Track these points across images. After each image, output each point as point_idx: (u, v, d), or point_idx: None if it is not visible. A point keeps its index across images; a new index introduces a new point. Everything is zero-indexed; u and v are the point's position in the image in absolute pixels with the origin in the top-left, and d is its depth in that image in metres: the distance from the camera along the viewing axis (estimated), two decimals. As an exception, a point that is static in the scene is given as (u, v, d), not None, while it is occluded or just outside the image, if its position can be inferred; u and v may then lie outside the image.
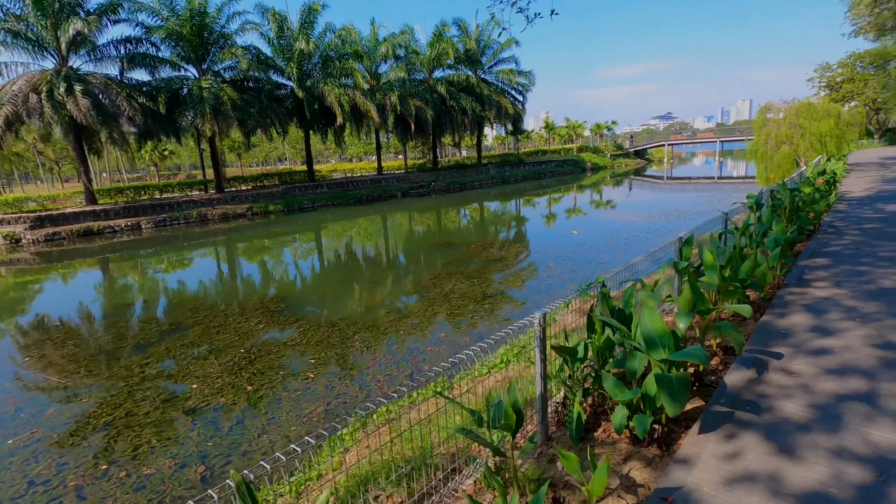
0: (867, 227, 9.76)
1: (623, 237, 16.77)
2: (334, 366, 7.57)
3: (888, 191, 15.49)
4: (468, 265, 13.96)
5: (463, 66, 49.51)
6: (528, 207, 30.29)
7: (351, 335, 8.83)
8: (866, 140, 56.21)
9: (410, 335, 8.69)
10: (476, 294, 10.80)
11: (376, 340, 8.51)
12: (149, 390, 7.10)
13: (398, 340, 8.46)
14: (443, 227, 23.36)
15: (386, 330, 9.00)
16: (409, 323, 9.32)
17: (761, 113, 24.08)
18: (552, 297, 10.29)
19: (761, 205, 7.65)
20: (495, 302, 10.24)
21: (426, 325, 9.11)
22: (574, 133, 72.67)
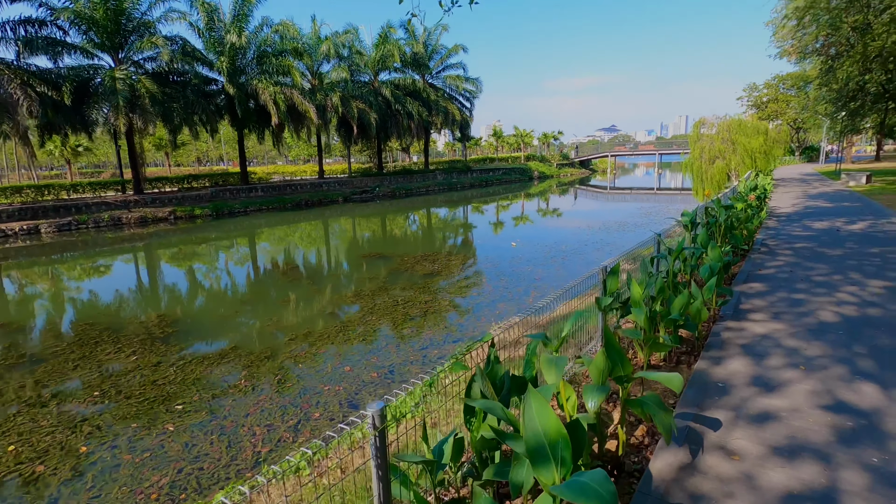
0: (798, 246, 9.49)
1: (562, 250, 16.21)
2: (205, 414, 6.19)
3: (812, 207, 15.81)
4: (396, 281, 12.83)
5: (410, 69, 48.55)
6: (471, 216, 29.55)
7: (240, 369, 7.46)
8: (789, 157, 60.11)
9: (311, 369, 7.43)
10: (396, 318, 9.67)
11: (267, 377, 7.18)
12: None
13: (293, 377, 7.17)
14: (379, 236, 22.10)
15: (283, 363, 7.69)
16: (313, 353, 8.05)
17: (696, 128, 24.59)
18: (480, 321, 9.34)
19: (696, 224, 7.05)
20: (415, 327, 9.15)
21: (331, 357, 7.87)
22: (522, 142, 73.35)
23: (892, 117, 39.71)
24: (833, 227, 11.63)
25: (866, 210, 14.52)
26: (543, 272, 13.15)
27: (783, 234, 10.99)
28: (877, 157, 53.17)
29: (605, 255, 14.82)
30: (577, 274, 13.33)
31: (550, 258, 14.96)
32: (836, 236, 10.37)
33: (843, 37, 23.90)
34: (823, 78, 28.70)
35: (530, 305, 9.97)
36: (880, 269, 7.39)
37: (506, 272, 13.35)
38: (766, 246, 9.59)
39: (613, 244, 16.68)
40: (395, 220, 28.15)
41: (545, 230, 22.54)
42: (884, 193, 19.16)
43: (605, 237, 18.35)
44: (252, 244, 21.35)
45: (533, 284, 11.88)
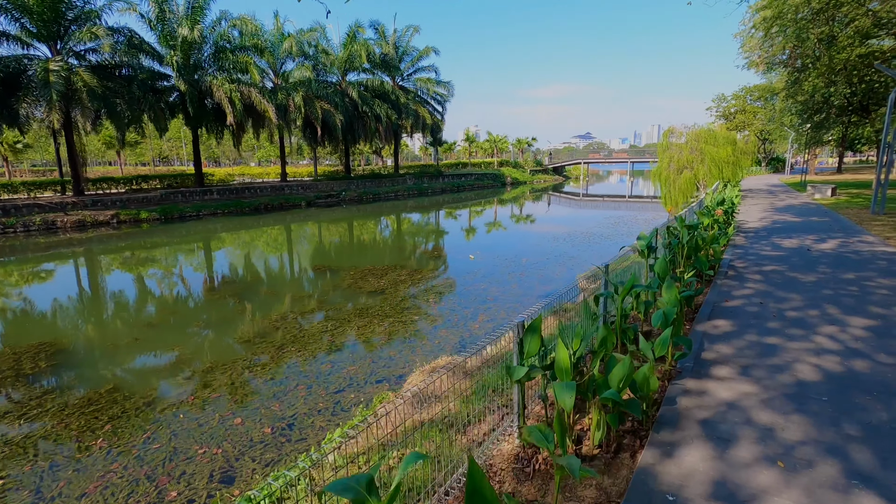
0: (768, 269, 8.60)
1: (522, 264, 15.15)
2: (28, 495, 4.77)
3: (780, 221, 15.18)
4: (334, 300, 11.52)
5: (380, 71, 47.24)
6: (436, 223, 28.37)
7: (103, 422, 6.03)
8: (756, 167, 61.05)
9: (193, 422, 6.06)
10: (319, 349, 8.37)
11: (133, 434, 5.79)
12: None
13: (166, 434, 5.79)
14: (331, 246, 20.68)
15: (162, 412, 6.30)
16: (204, 397, 6.68)
17: (665, 136, 24.03)
18: (414, 353, 8.12)
19: (653, 248, 6.00)
20: (337, 362, 7.87)
21: (224, 403, 6.52)
22: (496, 147, 72.75)
23: (853, 130, 40.49)
24: (803, 245, 10.85)
25: (835, 226, 13.92)
26: (498, 291, 12.02)
27: (752, 253, 10.13)
28: (838, 170, 54.40)
29: (565, 271, 13.83)
30: (532, 293, 12.34)
31: (508, 273, 13.87)
32: (807, 257, 9.55)
33: (810, 48, 23.70)
34: (790, 90, 28.66)
35: (470, 338, 8.87)
36: (859, 302, 6.47)
37: (457, 290, 12.18)
38: (734, 269, 8.66)
39: (576, 258, 15.72)
40: (356, 227, 26.74)
41: (509, 240, 21.51)
42: (849, 207, 18.81)
43: (568, 249, 17.40)
44: (192, 253, 19.64)
45: (483, 306, 10.73)
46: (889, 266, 8.58)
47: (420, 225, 27.72)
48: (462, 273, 14.19)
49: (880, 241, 11.17)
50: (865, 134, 45.33)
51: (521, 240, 21.58)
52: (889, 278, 7.70)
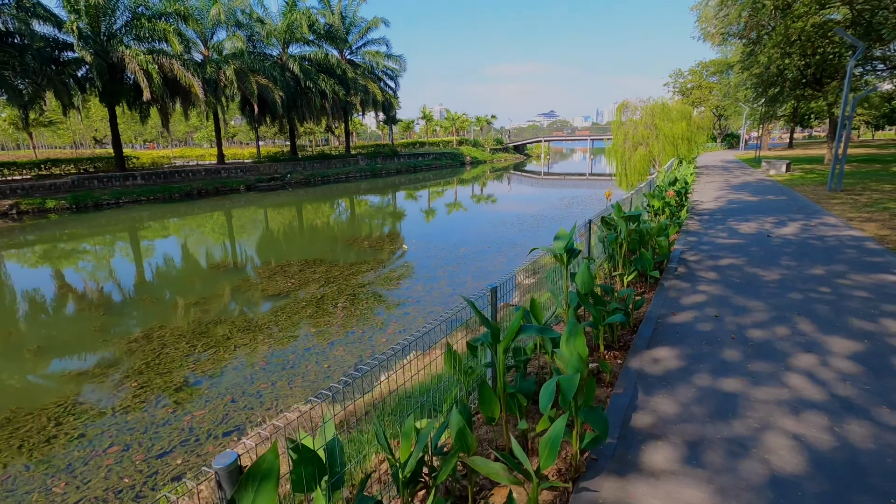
0: (725, 263, 7.20)
1: (459, 254, 13.50)
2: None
3: (736, 201, 14.04)
4: (223, 312, 9.57)
5: (326, 43, 44.02)
6: (380, 208, 26.35)
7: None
8: (711, 143, 61.31)
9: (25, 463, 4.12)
10: (166, 385, 6.46)
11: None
12: None
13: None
14: (251, 236, 18.46)
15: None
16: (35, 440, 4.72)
17: (618, 112, 22.69)
18: (292, 388, 6.34)
19: (574, 252, 4.35)
20: (177, 408, 6.00)
21: (60, 444, 4.59)
22: (454, 126, 70.51)
23: (804, 105, 40.50)
24: (762, 230, 9.58)
25: (793, 205, 12.84)
26: (423, 290, 10.33)
27: (706, 242, 8.76)
28: (790, 145, 55.14)
29: (504, 262, 12.25)
30: (461, 290, 10.72)
31: (441, 266, 12.18)
32: (768, 246, 8.23)
33: (765, 17, 22.67)
34: (745, 62, 27.77)
35: (371, 355, 7.22)
36: (836, 312, 5.09)
37: (377, 290, 10.40)
38: (686, 264, 7.22)
39: (520, 245, 14.18)
40: (290, 213, 24.44)
41: (453, 226, 19.82)
42: (805, 183, 18.00)
43: (513, 235, 15.86)
44: (103, 248, 17.04)
45: (401, 311, 9.03)
46: (859, 256, 7.33)
47: (363, 210, 25.64)
48: (390, 267, 12.41)
49: (843, 223, 10.04)
50: (816, 108, 45.71)
51: (466, 225, 19.92)
52: (863, 273, 6.40)
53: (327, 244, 16.15)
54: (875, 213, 10.98)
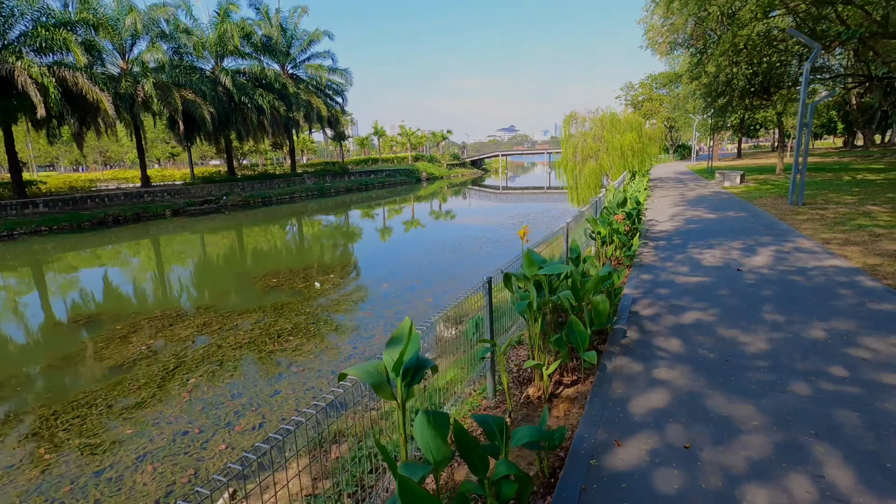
0: (690, 320, 5.25)
1: (377, 297, 11.29)
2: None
3: (695, 220, 12.44)
4: (71, 375, 6.96)
5: (266, 56, 41.42)
6: (315, 231, 23.85)
7: None
8: (664, 154, 61.80)
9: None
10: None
11: None
12: None
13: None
14: (146, 275, 15.66)
15: None
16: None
17: (566, 124, 21.17)
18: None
19: (416, 372, 2.27)
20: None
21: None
22: (409, 141, 68.69)
23: (750, 115, 40.77)
24: (730, 261, 7.80)
25: (757, 223, 11.30)
26: (311, 353, 8.00)
27: (664, 282, 6.85)
28: (739, 155, 56.05)
29: (431, 301, 10.07)
30: (358, 353, 8.40)
31: (351, 311, 9.90)
32: (741, 286, 6.39)
33: (711, 25, 21.87)
34: (693, 72, 27.11)
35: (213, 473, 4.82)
36: (872, 426, 3.13)
37: (249, 354, 8.00)
38: (638, 325, 5.23)
39: (455, 278, 12.07)
40: (210, 241, 21.60)
41: (386, 252, 17.59)
42: (763, 196, 16.80)
43: (449, 265, 13.76)
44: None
45: (268, 392, 6.68)
46: (860, 301, 5.56)
47: (290, 236, 23.06)
48: (285, 316, 10.00)
49: (820, 247, 8.42)
50: (760, 118, 46.39)
51: (400, 251, 17.72)
52: (879, 335, 4.58)
53: (226, 283, 13.58)
54: (851, 232, 9.48)
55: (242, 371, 7.31)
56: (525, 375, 4.50)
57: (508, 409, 3.77)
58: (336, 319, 9.55)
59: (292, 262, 16.24)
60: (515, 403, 3.97)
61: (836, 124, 55.40)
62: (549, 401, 3.90)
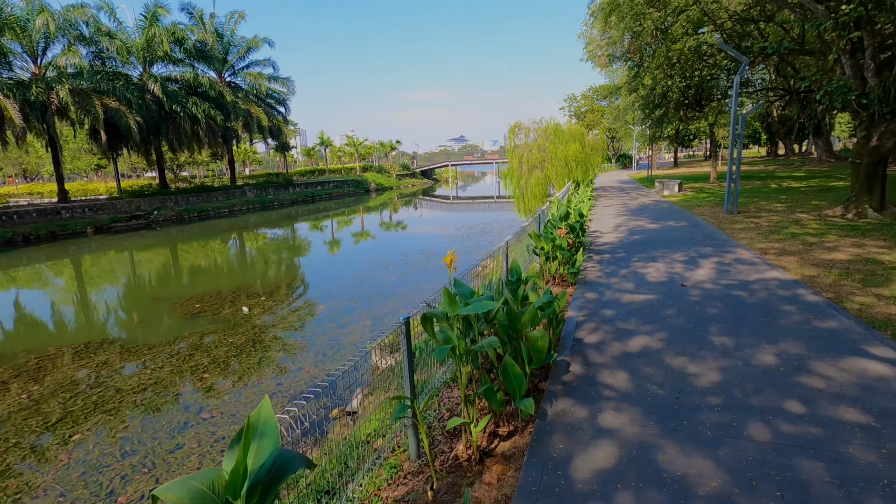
0: (637, 347, 4.84)
1: (311, 321, 10.42)
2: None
3: (638, 230, 12.40)
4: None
5: (200, 63, 39.26)
6: (255, 246, 22.44)
7: None
8: (607, 164, 63.93)
9: None
10: None
11: None
12: None
13: None
14: (33, 305, 13.95)
15: None
16: None
17: (511, 134, 21.08)
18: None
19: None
20: None
21: None
22: (357, 151, 67.41)
23: (684, 126, 42.76)
24: (674, 275, 7.58)
25: (697, 233, 11.36)
26: (229, 394, 7.06)
27: (609, 301, 6.48)
28: (675, 164, 58.77)
29: (369, 325, 9.31)
30: (235, 418, 7.34)
31: (277, 341, 8.97)
32: (687, 304, 6.11)
33: (648, 35, 22.55)
34: (631, 84, 27.96)
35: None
36: (846, 491, 2.72)
37: (153, 400, 6.95)
38: (582, 357, 4.75)
39: (397, 295, 11.37)
40: (132, 263, 19.74)
41: (327, 269, 16.65)
42: (700, 205, 17.24)
43: (393, 281, 13.06)
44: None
45: (170, 443, 5.71)
46: (804, 318, 5.38)
47: (227, 253, 21.55)
48: (203, 347, 8.93)
49: (759, 258, 8.40)
50: (693, 129, 48.87)
51: (342, 267, 16.82)
52: (830, 359, 4.32)
53: (142, 311, 12.21)
54: (785, 241, 9.60)
55: (140, 421, 6.28)
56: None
57: (432, 478, 3.13)
58: (261, 351, 8.60)
59: (221, 283, 14.96)
60: (443, 464, 3.34)
61: (761, 135, 59.33)
62: (481, 461, 3.29)
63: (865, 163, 11.79)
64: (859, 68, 11.85)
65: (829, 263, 7.61)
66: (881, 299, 5.80)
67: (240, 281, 14.95)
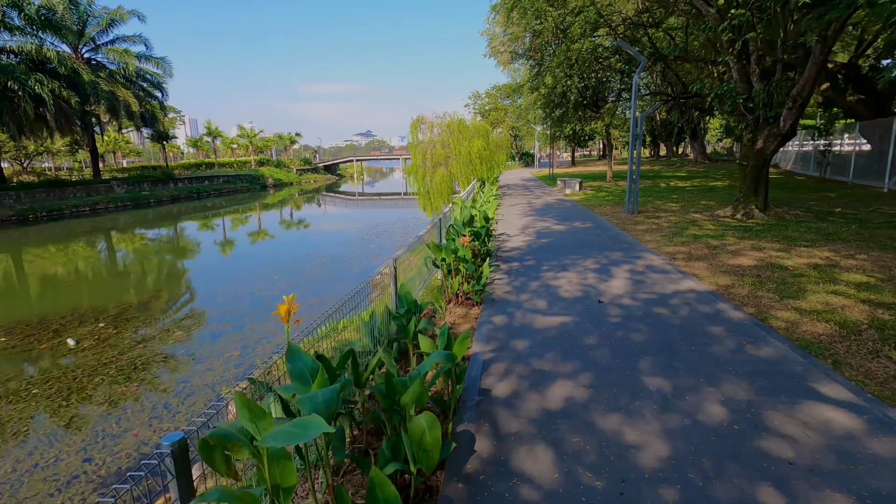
0: (559, 398, 3.75)
1: (160, 354, 8.31)
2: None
3: (545, 233, 11.75)
4: None
5: (49, 33, 32.93)
6: (112, 254, 18.86)
7: None
8: (511, 162, 65.38)
9: None
10: None
11: None
12: None
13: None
14: None
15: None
16: None
17: (413, 129, 19.80)
18: None
19: None
20: None
21: None
22: (251, 143, 62.10)
23: (580, 126, 44.66)
24: (588, 288, 6.76)
25: (604, 235, 10.93)
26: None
27: (519, 328, 5.43)
28: (573, 163, 61.68)
29: (219, 373, 7.48)
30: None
31: (111, 390, 6.82)
32: (608, 329, 5.23)
33: (549, 34, 22.50)
34: (533, 83, 28.08)
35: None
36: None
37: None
38: (491, 425, 3.55)
39: (270, 323, 9.56)
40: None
41: (197, 282, 14.18)
42: (601, 204, 17.30)
43: (273, 298, 11.16)
44: None
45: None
46: (738, 345, 4.73)
47: (68, 265, 17.85)
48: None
49: (669, 264, 7.94)
50: (588, 130, 51.43)
51: (217, 278, 14.40)
52: (787, 405, 3.58)
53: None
54: (689, 244, 9.37)
55: None
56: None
57: None
58: (79, 402, 6.43)
59: (49, 304, 11.94)
60: None
61: (646, 137, 64.36)
62: None
63: (752, 165, 12.19)
64: (746, 73, 12.21)
65: (738, 270, 7.28)
66: (803, 314, 5.35)
67: (76, 301, 12.00)
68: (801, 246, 8.61)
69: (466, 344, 3.55)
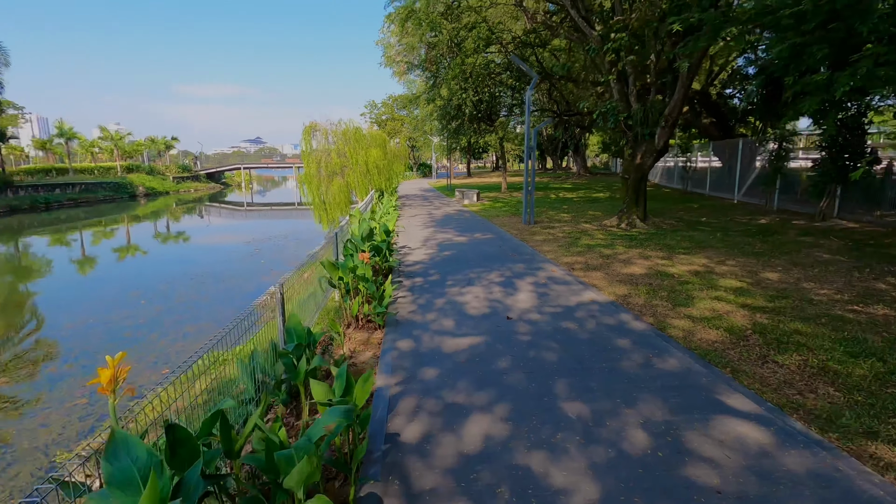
0: (476, 448, 3.33)
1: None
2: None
3: (447, 244, 11.52)
4: None
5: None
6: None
7: None
8: (409, 172, 65.51)
9: None
10: None
11: None
12: None
13: None
14: None
15: None
16: None
17: (306, 136, 18.63)
18: None
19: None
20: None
21: None
22: (116, 146, 54.81)
23: (475, 138, 46.15)
24: (495, 303, 6.54)
25: (506, 248, 10.96)
26: None
27: (427, 356, 4.98)
28: (469, 174, 63.52)
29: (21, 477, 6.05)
30: None
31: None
32: (522, 355, 4.98)
33: (444, 46, 22.71)
34: (429, 94, 28.21)
35: None
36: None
37: None
38: (402, 484, 3.01)
39: (139, 343, 8.06)
40: None
41: (46, 309, 11.77)
42: (500, 215, 17.65)
43: (135, 328, 9.52)
44: None
45: None
46: (644, 357, 4.74)
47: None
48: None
49: (570, 275, 8.07)
50: (482, 143, 53.35)
51: (63, 309, 12.07)
52: (701, 421, 3.52)
53: None
54: (585, 254, 9.70)
55: None
56: None
57: None
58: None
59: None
60: None
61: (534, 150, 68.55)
62: None
63: (633, 178, 13.16)
64: (625, 94, 13.18)
65: (631, 279, 7.58)
66: (695, 322, 5.58)
67: None
68: (680, 254, 9.30)
69: (369, 386, 2.99)
